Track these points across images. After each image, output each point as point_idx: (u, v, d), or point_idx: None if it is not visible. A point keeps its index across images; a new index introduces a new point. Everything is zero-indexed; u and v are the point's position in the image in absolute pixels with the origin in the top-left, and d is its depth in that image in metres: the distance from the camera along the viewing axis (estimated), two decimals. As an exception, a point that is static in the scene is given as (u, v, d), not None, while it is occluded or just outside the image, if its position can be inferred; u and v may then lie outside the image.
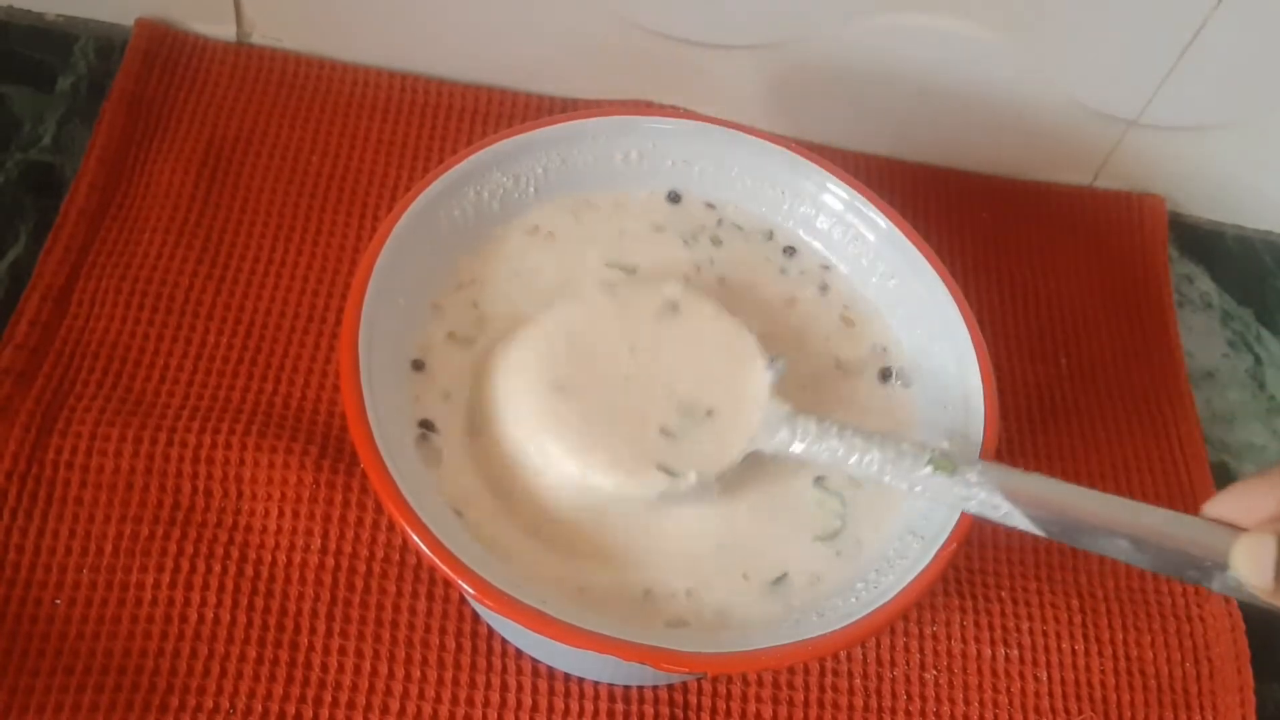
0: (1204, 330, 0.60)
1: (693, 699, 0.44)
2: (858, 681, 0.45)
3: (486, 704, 0.42)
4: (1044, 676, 0.46)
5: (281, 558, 0.44)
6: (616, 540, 0.38)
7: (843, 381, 0.43)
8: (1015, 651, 0.47)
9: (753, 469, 0.39)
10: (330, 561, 0.44)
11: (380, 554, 0.44)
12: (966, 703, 0.45)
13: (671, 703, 0.43)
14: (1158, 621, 0.49)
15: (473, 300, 0.42)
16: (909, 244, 0.44)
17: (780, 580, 0.38)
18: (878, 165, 0.60)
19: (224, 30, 0.57)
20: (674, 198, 0.46)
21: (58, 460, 0.44)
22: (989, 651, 0.47)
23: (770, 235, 0.47)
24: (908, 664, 0.46)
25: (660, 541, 0.38)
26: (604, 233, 0.45)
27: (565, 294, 0.42)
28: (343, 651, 0.42)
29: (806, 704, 0.44)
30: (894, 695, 0.45)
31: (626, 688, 0.43)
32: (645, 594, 0.37)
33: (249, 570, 0.43)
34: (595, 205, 0.45)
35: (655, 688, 0.43)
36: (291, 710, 0.41)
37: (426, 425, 0.39)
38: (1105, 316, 0.58)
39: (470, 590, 0.33)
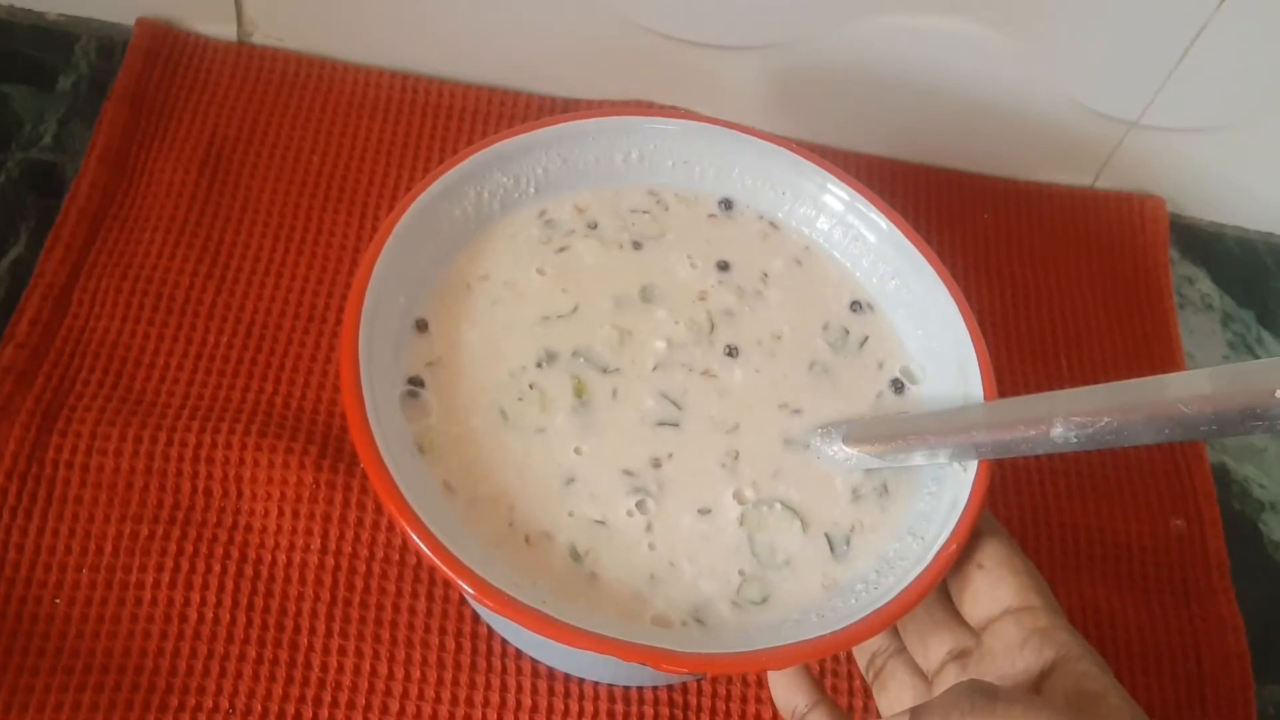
0: (1205, 332, 0.60)
1: (692, 699, 0.44)
2: (858, 682, 0.45)
3: (486, 704, 0.42)
4: (1044, 678, 0.46)
5: (281, 557, 0.44)
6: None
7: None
8: (1015, 653, 0.47)
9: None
10: (330, 561, 0.44)
11: (380, 554, 0.44)
12: (966, 704, 0.45)
13: (671, 703, 0.43)
14: (1159, 622, 0.49)
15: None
16: (910, 245, 0.44)
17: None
18: (878, 166, 0.60)
19: (225, 30, 0.57)
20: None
21: (58, 459, 0.44)
22: (989, 653, 0.46)
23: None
24: (908, 665, 0.46)
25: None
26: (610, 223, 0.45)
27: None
28: (342, 651, 0.42)
29: (806, 705, 0.44)
30: (894, 696, 0.45)
31: (626, 688, 0.43)
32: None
33: (249, 570, 0.43)
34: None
35: (655, 688, 0.43)
36: (291, 710, 0.41)
37: (416, 381, 0.40)
38: (1106, 318, 0.58)
39: (470, 590, 0.33)
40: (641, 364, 0.42)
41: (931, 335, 0.44)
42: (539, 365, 0.41)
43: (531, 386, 0.40)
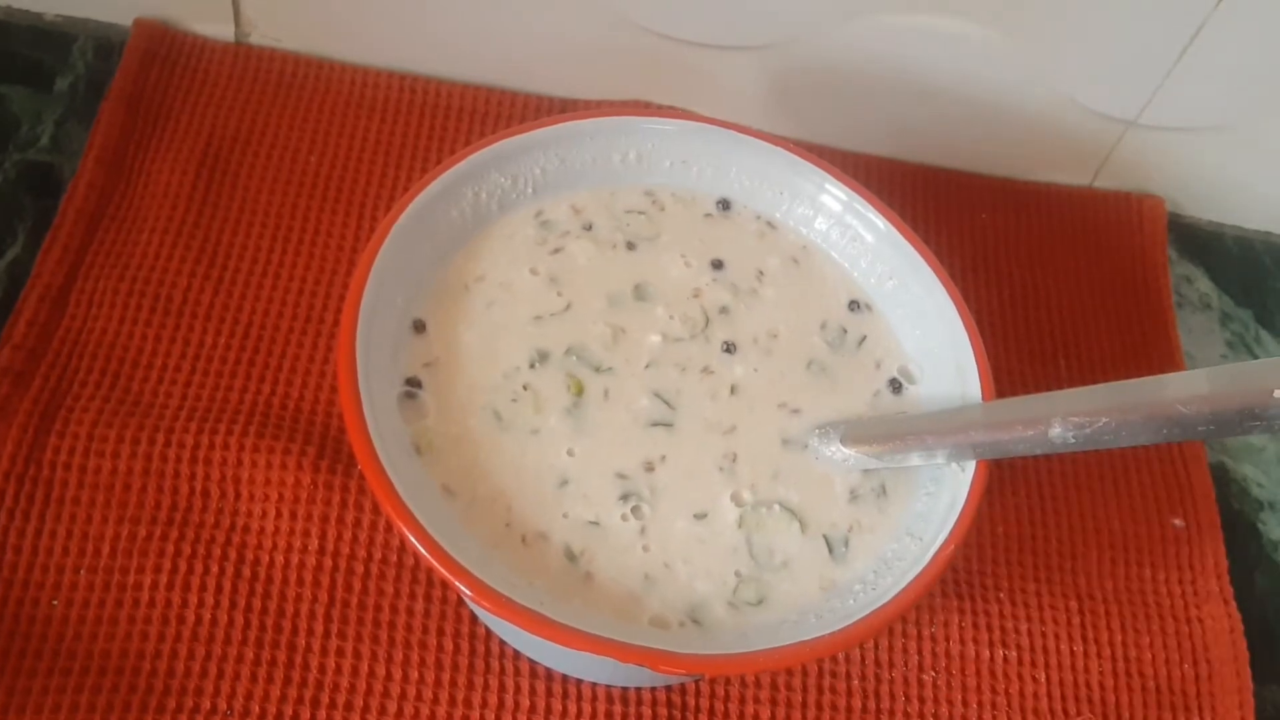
0: (1203, 331, 0.60)
1: (690, 700, 0.44)
2: (856, 683, 0.45)
3: (484, 705, 0.42)
4: (1042, 678, 0.46)
5: (279, 558, 0.44)
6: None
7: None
8: (1014, 653, 0.47)
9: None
10: (328, 562, 0.44)
11: (378, 555, 0.44)
12: (965, 704, 0.45)
13: (669, 704, 0.43)
14: (1156, 623, 0.49)
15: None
16: (907, 245, 0.44)
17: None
18: (876, 166, 0.60)
19: (222, 30, 0.57)
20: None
21: (55, 461, 0.44)
22: (987, 653, 0.46)
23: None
24: (906, 665, 0.46)
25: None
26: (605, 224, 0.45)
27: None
28: (340, 653, 0.42)
29: (805, 705, 0.44)
30: (892, 696, 0.45)
31: (624, 689, 0.43)
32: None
33: (246, 571, 0.43)
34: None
35: (653, 689, 0.43)
36: (289, 711, 0.41)
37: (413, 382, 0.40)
38: (1104, 317, 0.58)
39: (468, 592, 0.33)
40: (635, 362, 0.42)
41: (929, 335, 0.44)
42: (532, 366, 0.41)
43: (525, 387, 0.40)
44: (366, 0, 0.55)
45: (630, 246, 0.44)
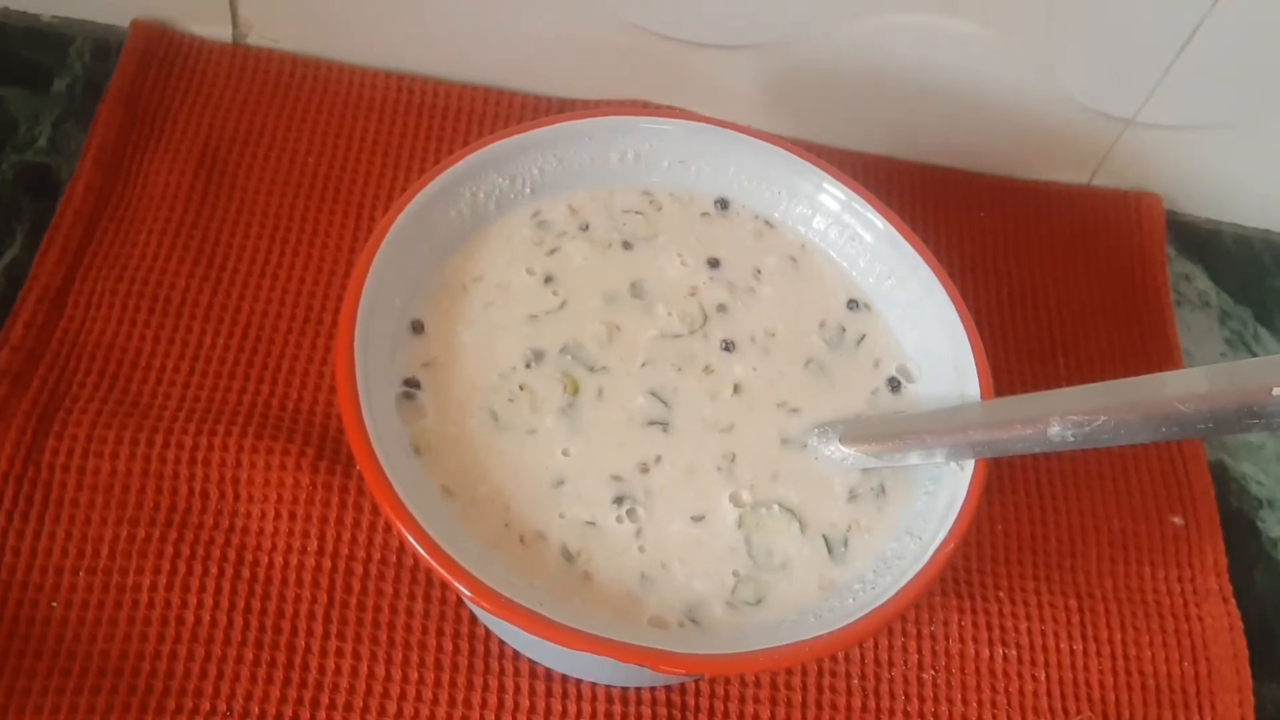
0: (1202, 329, 0.60)
1: (690, 700, 0.44)
2: (855, 682, 0.45)
3: (484, 705, 0.42)
4: (1042, 676, 0.46)
5: (278, 559, 0.44)
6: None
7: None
8: (1013, 651, 0.47)
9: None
10: (327, 563, 0.44)
11: (377, 555, 0.44)
12: (965, 703, 0.45)
13: (669, 703, 0.43)
14: (1156, 621, 0.49)
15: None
16: (906, 244, 0.44)
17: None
18: (875, 165, 0.60)
19: (220, 31, 0.57)
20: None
21: (54, 462, 0.44)
22: (987, 652, 0.47)
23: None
24: (906, 664, 0.46)
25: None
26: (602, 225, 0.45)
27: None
28: (340, 653, 0.42)
29: (804, 704, 0.44)
30: (892, 695, 0.45)
31: (624, 689, 0.43)
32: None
33: (246, 572, 0.43)
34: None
35: (653, 689, 0.43)
36: (289, 712, 0.41)
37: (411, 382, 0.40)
38: (1103, 316, 0.58)
39: (467, 592, 0.33)
40: (631, 360, 0.42)
41: (928, 334, 0.44)
42: (528, 366, 0.41)
43: (522, 387, 0.40)
44: (364, 1, 0.55)
45: (627, 246, 0.44)
